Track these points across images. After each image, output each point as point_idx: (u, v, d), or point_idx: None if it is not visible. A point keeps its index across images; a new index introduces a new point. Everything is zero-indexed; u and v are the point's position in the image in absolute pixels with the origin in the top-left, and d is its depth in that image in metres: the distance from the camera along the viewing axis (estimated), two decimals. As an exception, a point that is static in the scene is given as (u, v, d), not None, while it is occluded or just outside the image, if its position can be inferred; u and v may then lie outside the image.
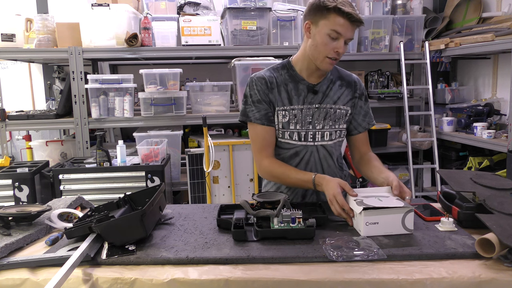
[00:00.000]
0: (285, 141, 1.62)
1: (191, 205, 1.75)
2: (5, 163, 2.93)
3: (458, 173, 1.55)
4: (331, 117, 1.62)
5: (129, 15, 3.19)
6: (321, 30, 1.48)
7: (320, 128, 1.62)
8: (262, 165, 1.62)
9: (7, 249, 1.17)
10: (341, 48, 1.49)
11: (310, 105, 1.60)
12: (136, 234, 1.20)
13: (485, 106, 3.56)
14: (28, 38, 3.35)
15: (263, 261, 1.11)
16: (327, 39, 1.48)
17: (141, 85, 3.29)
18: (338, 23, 1.45)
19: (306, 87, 1.61)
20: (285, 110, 1.59)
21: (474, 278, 1.02)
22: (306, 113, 1.60)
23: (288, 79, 1.62)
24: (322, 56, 1.51)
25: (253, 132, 1.63)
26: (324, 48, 1.49)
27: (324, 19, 1.47)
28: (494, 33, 3.23)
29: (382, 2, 3.96)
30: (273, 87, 1.59)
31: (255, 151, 1.64)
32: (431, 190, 4.16)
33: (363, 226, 1.25)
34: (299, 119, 1.60)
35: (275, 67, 1.65)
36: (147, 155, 2.84)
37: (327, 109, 1.62)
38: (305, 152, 1.62)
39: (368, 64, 4.35)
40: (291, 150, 1.62)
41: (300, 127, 1.60)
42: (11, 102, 4.00)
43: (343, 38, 1.48)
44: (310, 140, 1.62)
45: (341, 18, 1.45)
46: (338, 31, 1.46)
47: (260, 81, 1.59)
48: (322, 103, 1.61)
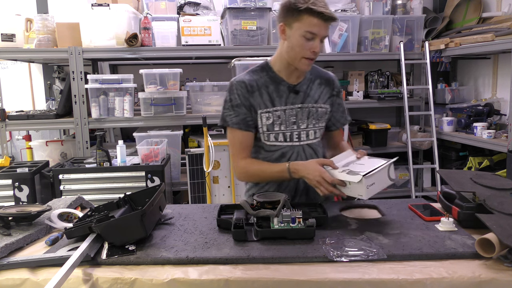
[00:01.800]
0: (271, 143, 1.62)
1: (191, 205, 1.75)
2: (5, 163, 2.93)
3: (458, 173, 1.55)
4: (314, 116, 1.64)
5: (129, 15, 3.19)
6: (295, 32, 1.49)
7: (304, 127, 1.63)
8: (239, 167, 1.62)
9: (7, 249, 1.17)
10: (317, 48, 1.50)
11: (292, 105, 1.61)
12: (136, 234, 1.20)
13: (485, 106, 3.56)
14: (28, 38, 3.35)
15: (263, 261, 1.11)
16: (303, 40, 1.48)
17: (141, 85, 3.29)
18: (311, 23, 1.45)
19: (287, 88, 1.61)
20: (268, 112, 1.59)
21: (474, 278, 1.02)
22: (289, 114, 1.61)
23: (269, 81, 1.61)
24: (299, 57, 1.52)
25: (231, 136, 1.63)
26: (300, 49, 1.50)
27: (297, 21, 1.47)
28: (494, 33, 3.23)
29: (382, 2, 3.96)
30: (253, 91, 1.58)
31: (232, 155, 1.66)
32: (431, 190, 4.16)
33: (365, 190, 1.33)
34: (283, 120, 1.60)
35: (254, 70, 1.65)
36: (147, 155, 2.84)
37: (309, 108, 1.63)
38: (292, 152, 1.62)
39: (368, 64, 4.35)
40: (278, 152, 1.62)
41: (284, 128, 1.61)
42: (11, 102, 3.99)
43: (318, 37, 1.48)
44: (295, 140, 1.63)
45: (314, 18, 1.45)
46: (312, 32, 1.47)
47: (240, 85, 1.58)
48: (304, 102, 1.63)
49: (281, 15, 1.52)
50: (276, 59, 1.63)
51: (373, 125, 3.99)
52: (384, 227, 1.32)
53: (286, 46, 1.54)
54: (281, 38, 1.56)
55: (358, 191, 1.35)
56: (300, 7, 1.44)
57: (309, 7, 1.43)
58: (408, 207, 1.51)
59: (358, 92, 4.08)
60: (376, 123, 4.06)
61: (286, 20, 1.50)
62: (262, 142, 1.63)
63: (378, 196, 1.44)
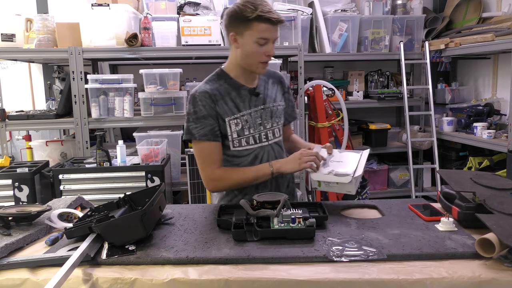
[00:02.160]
0: (243, 148, 1.63)
1: (191, 205, 1.75)
2: (5, 163, 2.92)
3: (458, 173, 1.55)
4: (276, 114, 1.70)
5: (129, 15, 3.19)
6: (248, 40, 1.53)
7: (270, 127, 1.68)
8: (215, 176, 1.60)
9: (7, 249, 1.17)
10: (271, 51, 1.55)
11: (256, 107, 1.65)
12: (136, 234, 1.20)
13: (485, 106, 3.57)
14: (28, 38, 3.35)
15: (263, 261, 1.11)
16: (256, 46, 1.53)
17: (141, 85, 3.29)
18: (262, 30, 1.50)
19: (248, 92, 1.64)
20: (236, 118, 1.60)
21: (474, 278, 1.02)
22: (255, 116, 1.64)
23: (229, 87, 1.63)
24: (256, 62, 1.57)
25: (199, 149, 1.60)
26: (256, 55, 1.54)
27: (248, 29, 1.51)
28: (494, 33, 3.23)
29: (382, 2, 3.96)
30: (217, 99, 1.59)
31: (203, 167, 1.61)
32: (431, 190, 4.16)
33: (353, 187, 1.48)
34: (251, 124, 1.63)
35: (211, 79, 1.65)
36: (147, 155, 2.84)
37: (271, 108, 1.68)
38: (263, 153, 1.66)
39: (368, 64, 4.35)
40: (251, 155, 1.64)
41: (253, 130, 1.64)
42: (11, 102, 4.00)
43: (270, 41, 1.54)
44: (264, 140, 1.66)
45: (264, 24, 1.49)
46: (265, 37, 1.52)
47: (204, 96, 1.58)
48: (265, 103, 1.67)
49: (230, 24, 1.56)
50: (231, 66, 1.65)
51: (373, 125, 3.99)
52: (384, 227, 1.32)
53: (240, 53, 1.57)
54: (233, 46, 1.59)
55: (346, 189, 1.49)
56: (249, 17, 1.48)
57: (258, 14, 1.47)
58: (408, 207, 1.51)
59: (358, 92, 4.08)
60: (376, 123, 4.06)
61: (237, 29, 1.54)
62: (232, 150, 1.63)
63: (378, 196, 1.46)
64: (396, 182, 4.20)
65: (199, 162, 1.62)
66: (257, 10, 1.47)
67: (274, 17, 1.49)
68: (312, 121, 3.55)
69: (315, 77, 4.16)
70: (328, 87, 3.59)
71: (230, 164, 1.64)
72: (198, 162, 1.63)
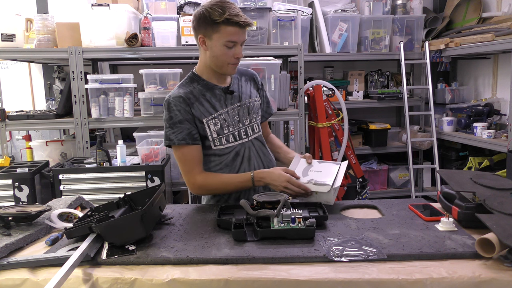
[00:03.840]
0: (223, 146, 1.65)
1: (191, 205, 1.75)
2: (5, 163, 2.92)
3: (458, 173, 1.55)
4: (253, 110, 1.72)
5: (129, 15, 3.19)
6: (216, 42, 1.54)
7: (248, 123, 1.70)
8: (197, 183, 1.61)
9: (7, 249, 1.17)
10: (240, 54, 1.57)
11: (232, 105, 1.67)
12: (136, 234, 1.20)
13: (485, 106, 3.56)
14: (28, 38, 3.35)
15: (263, 261, 1.11)
16: (225, 49, 1.54)
17: (141, 85, 3.29)
18: (230, 33, 1.52)
19: (222, 91, 1.66)
20: (214, 118, 1.62)
21: (474, 278, 1.02)
22: (232, 114, 1.66)
23: (202, 89, 1.64)
24: (225, 64, 1.59)
25: (180, 154, 1.61)
26: (224, 57, 1.56)
27: (217, 33, 1.52)
28: (494, 33, 3.23)
29: (382, 2, 3.96)
30: (192, 102, 1.60)
31: (185, 172, 1.63)
32: (431, 190, 4.16)
33: (332, 198, 1.50)
34: (229, 122, 1.64)
35: (184, 83, 1.66)
36: (147, 155, 2.84)
37: (247, 105, 1.70)
38: (244, 149, 1.68)
39: (368, 64, 4.35)
40: (232, 153, 1.65)
41: (232, 128, 1.65)
42: (11, 102, 3.99)
43: (238, 43, 1.55)
44: (244, 137, 1.68)
45: (232, 27, 1.51)
46: (233, 40, 1.53)
47: (178, 100, 1.58)
48: (241, 100, 1.69)
49: (198, 26, 1.56)
50: (202, 68, 1.66)
51: (373, 125, 3.99)
52: (384, 227, 1.32)
53: (209, 55, 1.59)
54: (201, 48, 1.60)
55: (325, 199, 1.50)
56: (217, 20, 1.49)
57: (226, 18, 1.48)
58: (408, 207, 1.51)
59: (358, 92, 4.08)
60: (376, 123, 4.06)
61: (204, 32, 1.55)
62: (214, 149, 1.64)
63: (378, 196, 1.46)
64: (396, 182, 4.20)
65: (181, 167, 1.63)
66: (225, 13, 1.48)
67: (242, 20, 1.50)
68: (312, 121, 3.55)
69: (315, 77, 4.16)
70: (328, 87, 3.59)
71: (213, 163, 1.66)
72: (180, 167, 1.64)
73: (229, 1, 1.54)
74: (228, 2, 1.53)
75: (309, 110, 3.53)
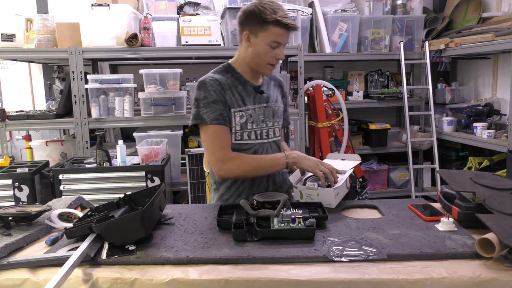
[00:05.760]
0: (244, 141, 1.65)
1: (191, 205, 1.75)
2: (5, 163, 2.92)
3: (458, 173, 1.55)
4: (277, 115, 1.74)
5: (129, 15, 3.19)
6: (261, 40, 1.56)
7: (271, 125, 1.71)
8: (229, 157, 1.58)
9: (7, 249, 1.17)
10: (282, 55, 1.59)
11: (259, 104, 1.68)
12: (136, 234, 1.20)
13: (485, 106, 3.57)
14: (28, 38, 3.35)
15: (263, 261, 1.11)
16: (268, 48, 1.56)
17: (141, 85, 3.29)
18: (278, 34, 1.54)
19: (253, 88, 1.68)
20: (241, 111, 1.62)
21: (474, 278, 1.02)
22: (258, 113, 1.67)
23: (235, 81, 1.65)
24: (265, 63, 1.60)
25: (210, 133, 1.59)
26: (266, 56, 1.58)
27: (264, 31, 1.54)
28: (494, 33, 3.23)
29: (382, 2, 3.96)
30: (226, 89, 1.61)
31: (214, 150, 1.59)
32: (431, 190, 4.16)
33: (333, 199, 1.49)
34: (254, 119, 1.65)
35: (219, 71, 1.67)
36: (147, 155, 2.84)
37: (273, 108, 1.71)
38: (262, 149, 1.68)
39: (368, 64, 4.35)
40: (250, 150, 1.66)
41: (255, 126, 1.66)
42: (11, 102, 3.99)
43: (282, 45, 1.57)
44: (264, 137, 1.69)
45: (280, 29, 1.53)
46: (278, 41, 1.55)
47: (215, 82, 1.59)
48: (268, 102, 1.71)
49: (246, 22, 1.57)
50: (239, 62, 1.67)
51: (373, 125, 3.99)
52: (384, 227, 1.32)
53: (250, 52, 1.60)
54: (244, 43, 1.61)
55: (326, 201, 1.50)
56: (267, 19, 1.51)
57: (277, 19, 1.50)
58: (408, 207, 1.51)
59: (358, 92, 4.08)
60: (376, 123, 4.06)
61: (251, 28, 1.56)
62: (233, 142, 1.64)
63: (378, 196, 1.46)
64: (396, 182, 4.20)
65: (209, 147, 1.60)
66: (277, 14, 1.51)
67: (291, 23, 1.53)
68: (312, 121, 3.55)
69: (315, 77, 4.16)
70: (328, 87, 3.59)
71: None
72: (207, 147, 1.60)
73: (280, 5, 1.56)
74: (278, 4, 1.55)
75: (309, 110, 3.53)
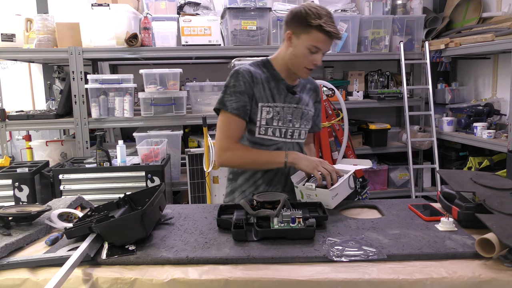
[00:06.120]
0: (268, 137, 1.65)
1: (191, 205, 1.75)
2: (5, 163, 2.93)
3: (458, 173, 1.55)
4: (305, 118, 1.73)
5: (129, 15, 3.19)
6: (302, 43, 1.56)
7: (298, 126, 1.71)
8: (231, 147, 1.59)
9: (7, 249, 1.17)
10: (319, 61, 1.59)
11: (289, 104, 1.68)
12: (136, 234, 1.20)
13: (485, 106, 3.56)
14: (28, 38, 3.35)
15: (263, 261, 1.11)
16: (307, 52, 1.56)
17: (141, 85, 3.29)
18: (319, 39, 1.53)
19: (286, 87, 1.68)
20: (269, 107, 1.63)
21: (474, 278, 1.02)
22: (286, 111, 1.67)
23: (270, 77, 1.66)
24: (301, 66, 1.61)
25: (225, 121, 1.61)
26: (303, 59, 1.58)
27: (306, 34, 1.54)
28: (494, 33, 3.23)
29: (382, 2, 3.96)
30: (257, 82, 1.62)
31: (222, 137, 1.61)
32: (431, 190, 4.16)
33: (330, 200, 1.47)
34: (281, 117, 1.66)
35: (256, 64, 1.69)
36: (147, 155, 2.84)
37: (302, 110, 1.71)
38: (285, 148, 1.68)
39: (368, 64, 4.35)
40: (273, 146, 1.66)
41: (282, 124, 1.66)
42: (11, 102, 3.99)
43: (321, 51, 1.57)
44: (289, 137, 1.69)
45: (322, 35, 1.53)
46: (318, 47, 1.55)
47: (247, 74, 1.60)
48: (298, 103, 1.70)
49: (291, 22, 1.59)
50: (278, 59, 1.68)
51: (373, 125, 3.99)
52: (384, 227, 1.32)
53: (290, 52, 1.61)
54: (286, 43, 1.62)
55: (325, 202, 1.47)
56: (312, 23, 1.52)
57: (320, 24, 1.51)
58: (408, 207, 1.51)
59: (358, 92, 4.08)
60: (376, 123, 4.06)
61: (295, 29, 1.57)
62: (257, 136, 1.64)
63: (378, 196, 1.45)
64: (396, 182, 4.20)
65: (219, 133, 1.62)
66: (321, 19, 1.51)
67: (334, 31, 1.53)
68: (312, 121, 3.54)
69: (315, 77, 4.15)
70: (328, 87, 3.59)
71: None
72: (217, 133, 1.63)
73: (329, 13, 1.56)
74: (328, 12, 1.55)
75: (309, 110, 3.53)
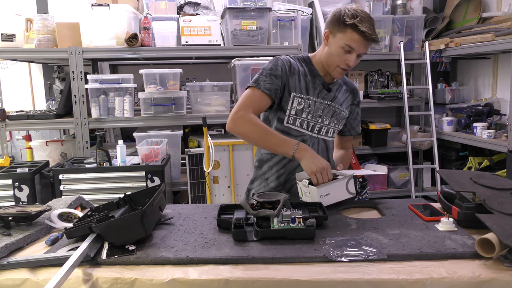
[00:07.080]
0: (295, 128, 1.68)
1: (191, 205, 1.75)
2: (5, 163, 2.93)
3: (458, 173, 1.55)
4: (337, 117, 1.74)
5: (129, 15, 3.19)
6: (337, 41, 1.59)
7: (327, 123, 1.72)
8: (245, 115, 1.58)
9: (7, 249, 1.17)
10: (352, 62, 1.59)
11: (323, 100, 1.70)
12: (136, 234, 1.20)
13: (485, 106, 3.56)
14: (28, 38, 3.35)
15: (263, 261, 1.11)
16: (341, 51, 1.58)
17: (141, 85, 3.29)
18: (352, 39, 1.55)
19: (322, 84, 1.71)
20: (301, 98, 1.66)
21: (474, 278, 1.02)
22: (318, 107, 1.69)
23: (307, 71, 1.71)
24: (334, 65, 1.63)
25: (252, 94, 1.62)
26: (337, 58, 1.60)
27: (341, 33, 1.57)
28: (494, 33, 3.23)
29: (382, 2, 3.96)
30: (294, 73, 1.66)
31: (241, 106, 1.60)
32: (431, 190, 4.16)
33: (318, 199, 1.47)
34: (311, 110, 1.68)
35: (297, 57, 1.74)
36: (147, 155, 2.84)
37: (335, 108, 1.73)
38: (310, 142, 1.70)
39: (368, 64, 4.35)
40: (299, 138, 1.67)
41: (311, 117, 1.69)
42: (11, 102, 4.00)
43: (355, 52, 1.58)
44: (315, 132, 1.71)
45: (357, 34, 1.55)
46: (351, 46, 1.57)
47: (286, 62, 1.66)
48: (332, 101, 1.72)
49: (330, 22, 1.62)
50: (317, 57, 1.73)
51: (373, 125, 3.99)
52: (384, 227, 1.32)
53: (326, 51, 1.65)
54: (323, 43, 1.66)
55: (314, 198, 1.50)
56: (347, 22, 1.54)
57: (354, 23, 1.53)
58: (408, 207, 1.51)
59: (358, 92, 4.08)
60: (376, 123, 4.06)
61: (332, 28, 1.60)
62: (284, 125, 1.67)
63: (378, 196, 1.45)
64: (396, 182, 4.20)
65: (240, 101, 1.62)
66: (356, 19, 1.53)
67: (368, 32, 1.54)
68: (312, 121, 3.54)
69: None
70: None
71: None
72: (240, 101, 1.62)
73: (369, 16, 1.57)
74: (367, 15, 1.57)
75: (309, 110, 3.53)
